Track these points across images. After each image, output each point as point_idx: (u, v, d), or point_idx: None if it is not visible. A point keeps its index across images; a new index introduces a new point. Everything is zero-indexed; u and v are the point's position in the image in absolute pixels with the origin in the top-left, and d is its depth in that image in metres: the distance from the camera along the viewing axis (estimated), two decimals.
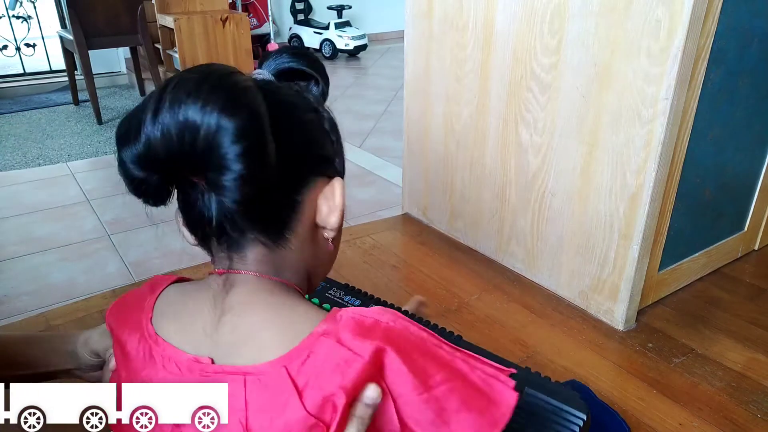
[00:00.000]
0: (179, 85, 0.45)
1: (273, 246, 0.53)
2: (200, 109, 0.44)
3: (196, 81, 0.45)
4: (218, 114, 0.44)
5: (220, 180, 0.45)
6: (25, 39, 3.82)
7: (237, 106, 0.44)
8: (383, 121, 3.32)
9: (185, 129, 0.44)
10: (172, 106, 0.44)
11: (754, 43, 1.39)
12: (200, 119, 0.44)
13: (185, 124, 0.44)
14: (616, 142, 1.33)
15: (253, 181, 0.45)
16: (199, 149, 0.44)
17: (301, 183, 0.54)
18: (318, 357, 0.45)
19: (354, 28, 5.13)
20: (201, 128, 0.43)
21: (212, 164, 0.45)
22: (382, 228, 1.98)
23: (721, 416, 1.17)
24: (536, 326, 1.46)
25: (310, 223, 0.56)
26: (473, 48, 1.64)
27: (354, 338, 0.45)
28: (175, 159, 0.45)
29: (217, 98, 0.44)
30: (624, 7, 1.24)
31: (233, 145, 0.44)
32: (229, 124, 0.44)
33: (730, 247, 1.73)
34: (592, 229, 1.44)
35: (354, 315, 0.48)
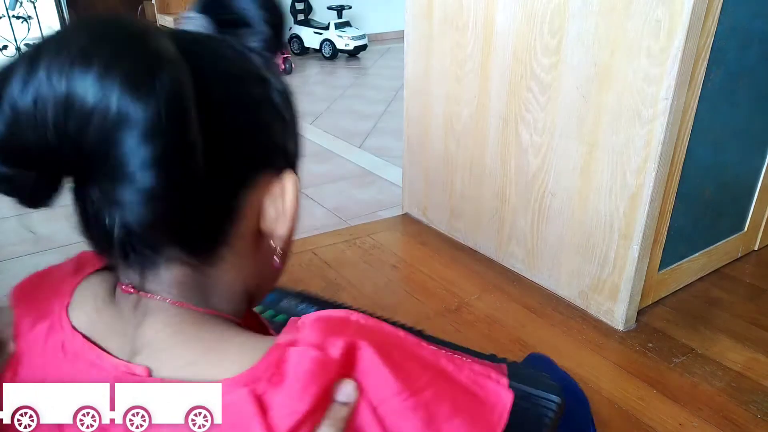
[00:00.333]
0: (66, 41, 0.33)
1: (199, 265, 0.40)
2: (95, 80, 0.31)
3: (92, 37, 0.33)
4: (120, 92, 0.31)
5: (117, 193, 0.33)
6: (25, 39, 3.82)
7: (150, 83, 0.32)
8: (383, 121, 3.32)
9: (67, 106, 0.31)
10: (52, 69, 0.32)
11: (754, 43, 1.39)
12: (92, 96, 0.31)
13: (68, 98, 0.31)
14: (616, 142, 1.33)
15: (168, 197, 0.33)
16: (86, 142, 0.32)
17: (240, 184, 0.41)
18: (290, 368, 0.36)
19: (354, 28, 5.14)
20: (92, 110, 0.31)
21: (106, 168, 0.32)
22: (382, 228, 1.98)
23: (721, 416, 1.17)
24: (536, 326, 1.46)
25: (251, 232, 0.43)
26: (473, 48, 1.64)
27: (326, 337, 0.37)
28: (50, 150, 0.33)
29: (121, 68, 0.31)
30: (624, 7, 1.24)
31: (140, 147, 0.31)
32: (136, 112, 0.31)
33: (730, 247, 1.73)
34: (592, 229, 1.44)
35: (319, 316, 0.39)
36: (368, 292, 1.58)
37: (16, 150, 0.33)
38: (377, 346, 0.37)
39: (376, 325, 0.40)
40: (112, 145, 0.32)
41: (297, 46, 5.32)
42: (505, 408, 0.40)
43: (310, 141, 3.01)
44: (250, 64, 0.42)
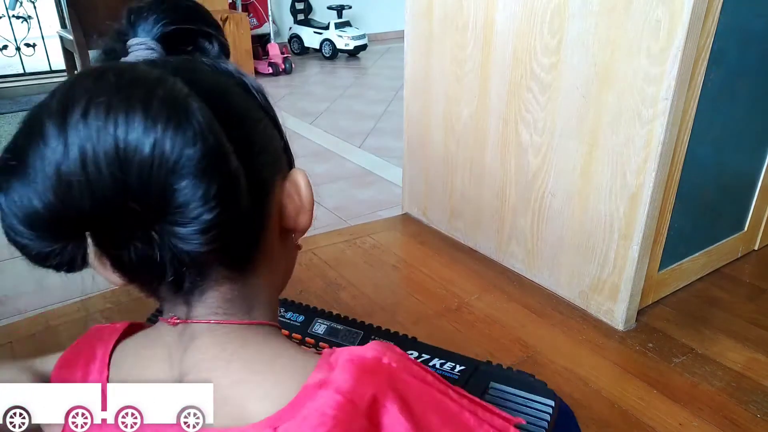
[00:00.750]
0: (89, 91, 0.31)
1: (241, 278, 0.41)
2: (144, 128, 0.30)
3: (115, 85, 0.31)
4: (171, 137, 0.31)
5: (180, 232, 0.33)
6: (25, 39, 3.82)
7: (189, 122, 0.31)
8: (383, 121, 3.32)
9: (124, 160, 0.30)
10: (91, 122, 0.30)
11: (754, 43, 1.39)
12: (148, 145, 0.30)
13: (123, 151, 0.30)
14: (616, 142, 1.33)
15: (224, 226, 0.34)
16: (150, 193, 0.31)
17: (264, 194, 0.42)
18: (317, 414, 0.36)
19: (354, 28, 5.14)
20: (151, 159, 0.30)
21: (169, 213, 0.32)
22: (382, 228, 1.98)
23: (721, 416, 1.17)
24: (536, 326, 1.46)
25: (277, 234, 0.44)
26: (473, 48, 1.64)
27: (355, 386, 0.37)
28: (108, 210, 0.31)
29: (160, 112, 0.31)
30: (624, 7, 1.24)
31: (198, 186, 0.31)
32: (189, 154, 0.31)
33: (730, 247, 1.73)
34: (592, 229, 1.44)
35: (352, 356, 0.39)
36: (368, 292, 1.58)
37: (68, 220, 0.31)
38: (402, 401, 0.38)
39: (406, 369, 0.40)
40: (173, 189, 0.31)
41: (297, 45, 5.32)
42: None
43: (310, 141, 3.01)
44: (231, 76, 0.43)
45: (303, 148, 2.92)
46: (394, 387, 0.38)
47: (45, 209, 0.30)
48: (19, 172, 0.30)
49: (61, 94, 0.32)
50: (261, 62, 4.52)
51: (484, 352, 1.35)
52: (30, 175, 0.30)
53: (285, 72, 4.55)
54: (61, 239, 0.32)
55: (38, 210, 0.30)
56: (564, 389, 1.24)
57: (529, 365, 1.30)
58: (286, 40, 5.36)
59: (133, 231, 0.34)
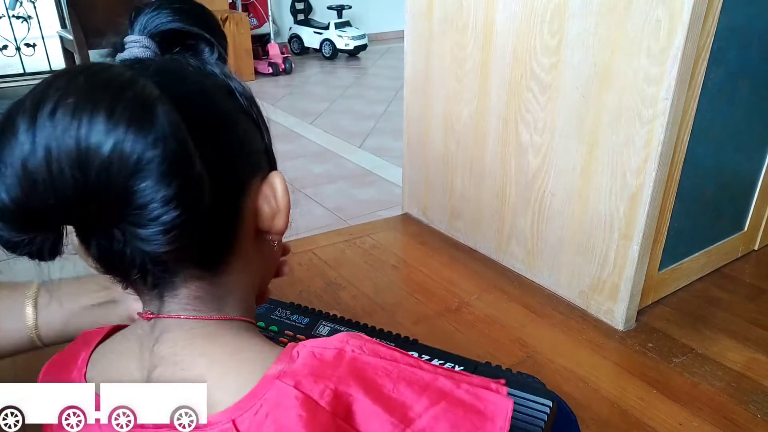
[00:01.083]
0: (57, 92, 0.32)
1: (211, 276, 0.43)
2: (105, 129, 0.31)
3: (82, 87, 0.32)
4: (133, 138, 0.31)
5: (141, 233, 0.34)
6: (25, 39, 3.82)
7: (152, 123, 0.32)
8: (383, 121, 3.32)
9: (84, 159, 0.31)
10: (57, 121, 0.31)
11: (754, 43, 1.39)
12: (108, 146, 0.31)
13: (84, 151, 0.30)
14: (616, 142, 1.33)
15: (186, 226, 0.34)
16: (109, 192, 0.32)
17: (237, 195, 0.43)
18: (273, 406, 0.37)
19: (354, 28, 5.14)
20: (110, 160, 0.31)
21: (129, 213, 0.33)
22: (382, 228, 1.98)
23: (721, 416, 1.17)
24: (536, 326, 1.46)
25: (251, 235, 0.45)
26: (473, 48, 1.64)
27: (315, 380, 0.38)
28: (71, 206, 0.32)
29: (123, 113, 0.31)
30: (624, 7, 1.24)
31: (159, 188, 0.32)
32: (150, 155, 0.31)
33: (730, 247, 1.73)
34: (592, 229, 1.44)
35: (313, 349, 0.40)
36: (368, 292, 1.58)
37: (34, 214, 0.32)
38: (368, 385, 0.39)
39: (372, 352, 0.41)
40: (132, 191, 0.32)
41: (297, 45, 5.33)
42: (506, 417, 0.40)
43: (310, 141, 3.01)
44: (216, 78, 0.44)
45: (303, 148, 2.92)
46: (358, 375, 0.39)
47: (11, 202, 0.31)
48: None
49: (36, 92, 0.33)
50: (261, 62, 4.53)
51: (484, 352, 1.35)
52: (0, 168, 0.31)
53: (285, 72, 4.55)
54: (29, 231, 0.33)
55: (5, 202, 0.31)
56: (564, 389, 1.24)
57: (529, 365, 1.30)
58: (286, 40, 5.36)
59: (96, 229, 0.36)
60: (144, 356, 0.41)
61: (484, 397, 0.41)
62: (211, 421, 0.37)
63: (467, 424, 0.40)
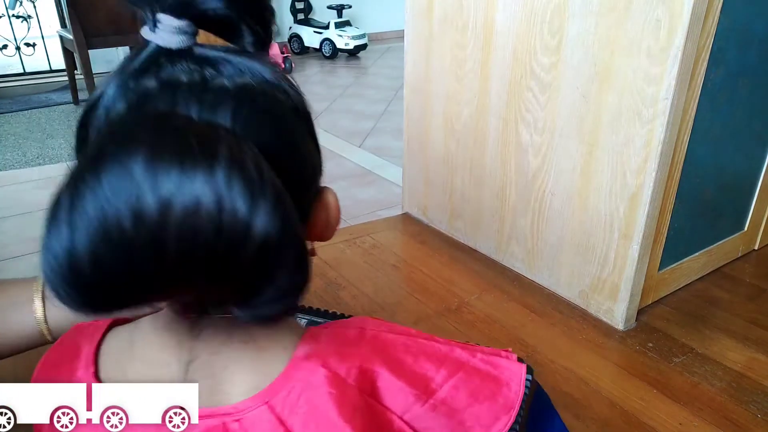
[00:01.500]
0: (135, 136, 0.29)
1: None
2: (208, 178, 0.28)
3: (160, 129, 0.30)
4: (242, 198, 0.29)
5: (245, 299, 0.33)
6: (25, 39, 3.82)
7: (262, 181, 0.30)
8: (383, 121, 3.32)
9: (193, 222, 0.28)
10: (154, 173, 0.28)
11: (754, 43, 1.39)
12: (214, 198, 0.28)
13: (194, 205, 0.28)
14: (616, 142, 1.33)
15: (299, 288, 0.34)
16: (216, 252, 0.29)
17: (305, 222, 0.42)
18: (304, 386, 0.38)
19: (354, 28, 5.14)
20: (220, 215, 0.29)
21: (233, 276, 0.31)
22: (382, 228, 1.98)
23: (721, 416, 1.17)
24: (536, 326, 1.46)
25: None
26: (473, 48, 1.64)
27: (341, 359, 0.39)
28: (173, 273, 0.30)
29: (238, 171, 0.29)
30: (624, 7, 1.24)
31: (290, 272, 0.32)
32: (263, 221, 0.30)
33: (730, 246, 1.73)
34: (592, 228, 1.44)
35: (336, 329, 0.42)
36: (368, 291, 1.58)
37: (124, 286, 0.29)
38: (390, 361, 0.41)
39: (389, 331, 0.43)
40: (247, 248, 0.30)
41: (297, 45, 5.32)
42: (520, 381, 0.44)
43: None
44: (286, 97, 0.39)
45: None
46: (380, 351, 0.41)
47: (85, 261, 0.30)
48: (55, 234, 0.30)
49: (119, 141, 0.30)
50: None
51: None
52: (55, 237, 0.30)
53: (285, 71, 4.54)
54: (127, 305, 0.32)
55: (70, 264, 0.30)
56: (564, 389, 1.24)
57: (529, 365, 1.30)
58: (286, 39, 5.36)
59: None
60: (183, 350, 0.40)
61: (498, 364, 0.44)
62: (246, 406, 0.38)
63: (485, 390, 0.43)
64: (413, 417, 0.40)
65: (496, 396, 0.43)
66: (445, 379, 0.42)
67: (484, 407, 0.42)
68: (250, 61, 0.38)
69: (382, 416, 0.40)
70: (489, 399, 0.43)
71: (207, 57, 0.37)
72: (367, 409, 0.39)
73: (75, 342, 0.44)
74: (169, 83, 0.35)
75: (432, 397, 0.41)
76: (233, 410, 0.38)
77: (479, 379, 0.43)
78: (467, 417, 0.42)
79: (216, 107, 0.35)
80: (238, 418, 0.38)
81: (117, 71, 0.38)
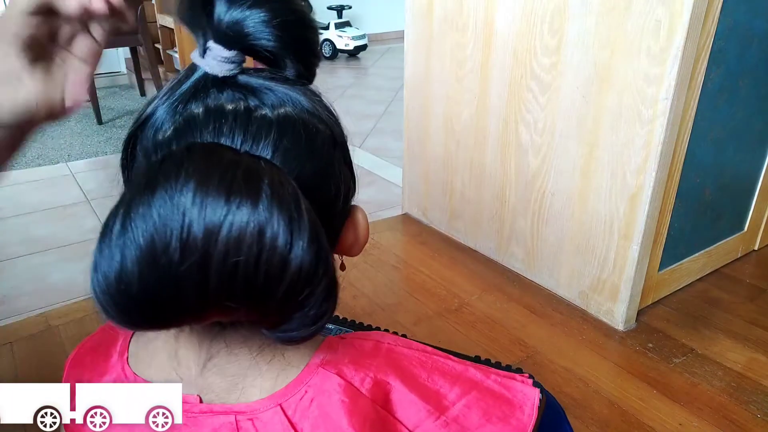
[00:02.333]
0: (192, 167, 0.31)
1: None
2: (251, 212, 0.30)
3: (208, 162, 0.32)
4: (288, 231, 0.31)
5: (275, 324, 0.35)
6: None
7: (300, 212, 0.32)
8: (383, 121, 3.32)
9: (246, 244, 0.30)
10: (202, 206, 0.30)
11: (754, 43, 1.39)
12: (257, 231, 0.30)
13: (237, 236, 0.30)
14: (616, 142, 1.33)
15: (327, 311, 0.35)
16: (255, 281, 0.31)
17: (334, 244, 0.44)
18: (317, 392, 0.39)
19: (354, 28, 5.14)
20: (261, 248, 0.31)
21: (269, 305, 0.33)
22: (382, 228, 1.98)
23: (721, 416, 1.17)
24: (536, 326, 1.46)
25: None
26: (473, 48, 1.64)
27: (356, 369, 0.40)
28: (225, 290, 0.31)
29: (281, 207, 0.31)
30: (624, 7, 1.24)
31: (301, 279, 0.32)
32: (304, 252, 0.32)
33: (730, 247, 1.73)
34: (592, 229, 1.44)
35: (353, 340, 0.43)
36: (368, 292, 1.58)
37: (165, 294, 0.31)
38: (405, 375, 0.41)
39: (406, 344, 0.44)
40: (286, 287, 0.32)
41: None
42: (534, 405, 0.43)
43: None
44: (320, 123, 0.41)
45: None
46: (395, 365, 0.42)
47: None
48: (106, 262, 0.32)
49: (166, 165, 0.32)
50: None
51: (484, 352, 1.35)
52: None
53: None
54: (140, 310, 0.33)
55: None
56: (564, 389, 1.24)
57: (529, 365, 1.30)
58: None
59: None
60: (202, 348, 0.41)
61: (512, 387, 0.44)
62: (260, 406, 0.39)
63: (497, 411, 0.42)
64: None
65: (509, 418, 0.43)
66: (458, 397, 0.42)
67: (497, 429, 0.42)
68: (290, 89, 0.40)
69: (393, 429, 0.40)
70: (502, 421, 0.42)
71: (251, 85, 0.39)
72: (378, 421, 0.39)
73: (109, 335, 0.47)
74: (215, 111, 0.37)
75: (444, 414, 0.41)
76: (247, 409, 0.39)
77: (492, 400, 0.43)
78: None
79: (258, 138, 0.37)
80: (251, 417, 0.39)
81: (166, 92, 0.39)
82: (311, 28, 0.41)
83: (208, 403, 0.40)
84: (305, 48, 0.41)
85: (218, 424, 0.39)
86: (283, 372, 0.40)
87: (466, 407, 0.41)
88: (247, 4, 0.37)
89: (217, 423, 0.39)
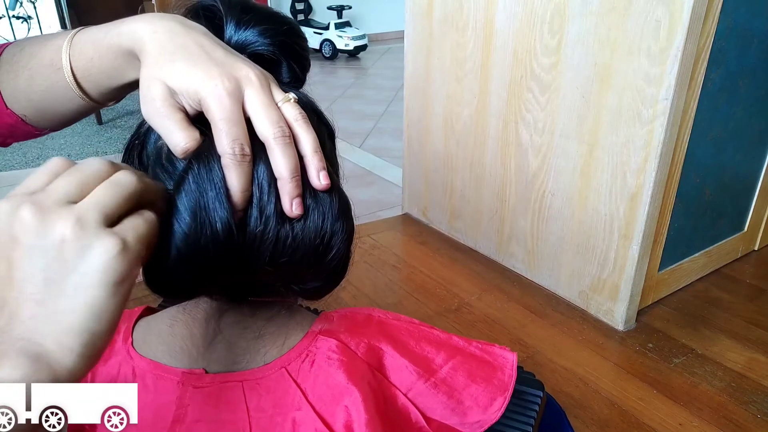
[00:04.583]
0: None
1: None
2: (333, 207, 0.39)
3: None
4: (334, 210, 0.39)
5: (308, 284, 0.42)
6: None
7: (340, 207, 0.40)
8: (383, 121, 3.32)
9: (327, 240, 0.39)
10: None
11: (754, 43, 1.39)
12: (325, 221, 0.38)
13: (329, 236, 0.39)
14: (616, 142, 1.33)
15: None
16: (318, 254, 0.39)
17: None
18: (318, 355, 0.44)
19: (354, 29, 5.14)
20: (323, 231, 0.39)
21: (311, 272, 0.40)
22: (382, 228, 1.98)
23: (721, 416, 1.17)
24: (536, 326, 1.46)
25: None
26: (473, 48, 1.64)
27: (351, 335, 0.45)
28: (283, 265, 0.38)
29: (337, 205, 0.39)
30: (624, 7, 1.24)
31: (340, 251, 0.40)
32: (342, 225, 0.40)
33: (730, 247, 1.73)
34: (592, 229, 1.44)
35: (346, 313, 0.49)
36: (368, 292, 1.58)
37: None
38: (396, 342, 0.46)
39: (394, 317, 0.49)
40: (328, 253, 0.39)
41: None
42: (513, 366, 0.49)
43: None
44: (320, 118, 0.47)
45: None
46: (386, 333, 0.47)
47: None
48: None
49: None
50: None
51: None
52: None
53: None
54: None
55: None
56: (564, 389, 1.24)
57: (529, 365, 1.30)
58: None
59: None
60: (209, 325, 0.45)
61: (492, 351, 0.50)
62: (266, 371, 0.43)
63: (480, 373, 0.47)
64: (416, 394, 0.45)
65: (491, 378, 0.47)
66: (444, 361, 0.46)
67: (481, 388, 0.46)
68: (289, 89, 0.44)
69: (387, 390, 0.44)
70: (485, 381, 0.47)
71: None
72: (374, 381, 0.44)
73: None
74: None
75: (433, 376, 0.45)
76: (252, 376, 0.43)
77: (476, 363, 0.48)
78: (465, 397, 0.46)
79: None
80: (258, 381, 0.43)
81: None
82: (301, 38, 0.48)
83: (212, 374, 0.44)
84: (297, 53, 0.47)
85: (224, 391, 0.43)
86: (286, 341, 0.45)
87: (452, 369, 0.46)
88: (251, 24, 0.43)
89: (223, 391, 0.43)
